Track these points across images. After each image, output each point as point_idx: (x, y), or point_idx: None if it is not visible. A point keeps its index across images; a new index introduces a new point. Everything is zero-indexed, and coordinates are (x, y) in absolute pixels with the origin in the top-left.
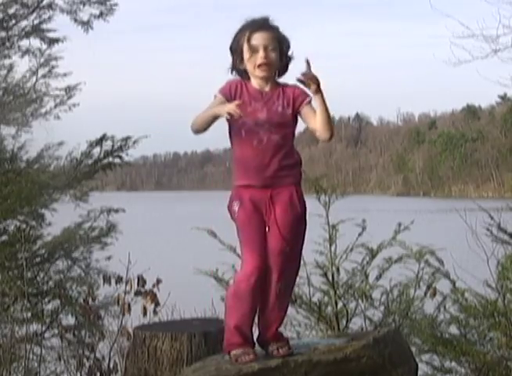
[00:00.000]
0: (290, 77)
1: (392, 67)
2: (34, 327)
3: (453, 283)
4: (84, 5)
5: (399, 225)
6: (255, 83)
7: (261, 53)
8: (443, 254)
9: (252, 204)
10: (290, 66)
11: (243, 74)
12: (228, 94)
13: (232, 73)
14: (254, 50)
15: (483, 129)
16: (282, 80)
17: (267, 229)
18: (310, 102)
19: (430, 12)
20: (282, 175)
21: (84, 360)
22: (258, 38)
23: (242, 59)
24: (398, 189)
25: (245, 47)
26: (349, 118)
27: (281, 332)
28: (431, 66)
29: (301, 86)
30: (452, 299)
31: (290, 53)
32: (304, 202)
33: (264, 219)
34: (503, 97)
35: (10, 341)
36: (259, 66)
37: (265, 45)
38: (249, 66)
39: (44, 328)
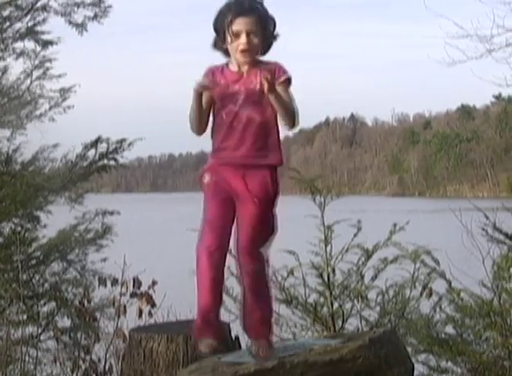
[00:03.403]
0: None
1: (387, 68)
2: (30, 329)
3: (449, 283)
4: (78, 7)
5: (395, 225)
6: (234, 64)
7: (243, 39)
8: (439, 254)
9: (222, 181)
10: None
11: (225, 52)
12: (210, 78)
13: (214, 47)
14: (236, 35)
15: (478, 129)
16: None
17: (238, 202)
18: (284, 82)
19: (425, 13)
20: (258, 155)
21: (80, 362)
22: (241, 23)
23: (224, 40)
24: (393, 190)
25: (227, 31)
26: (344, 119)
27: (267, 330)
28: (426, 66)
29: (279, 63)
30: (448, 299)
31: (274, 33)
32: (277, 186)
33: (231, 198)
34: (498, 97)
35: (6, 344)
36: (241, 51)
37: (247, 30)
38: (231, 49)
39: (39, 330)
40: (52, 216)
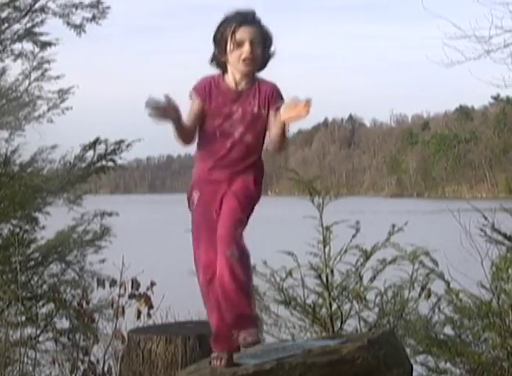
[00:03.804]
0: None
1: (385, 69)
2: (29, 330)
3: (448, 284)
4: (76, 8)
5: (393, 226)
6: (231, 78)
7: (246, 47)
8: (437, 255)
9: (208, 197)
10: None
11: (223, 66)
12: (203, 94)
13: (211, 62)
14: (239, 44)
15: (476, 130)
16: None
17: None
18: (278, 107)
19: (423, 14)
20: (240, 170)
21: (79, 364)
22: (245, 32)
23: (224, 50)
24: (391, 191)
25: (229, 39)
26: (342, 120)
27: (252, 318)
28: (424, 67)
29: (276, 86)
30: (447, 300)
31: (271, 50)
32: (260, 187)
33: (217, 212)
34: (496, 98)
35: (4, 345)
36: (244, 60)
37: (251, 39)
38: (232, 59)
39: (38, 332)
40: (51, 217)
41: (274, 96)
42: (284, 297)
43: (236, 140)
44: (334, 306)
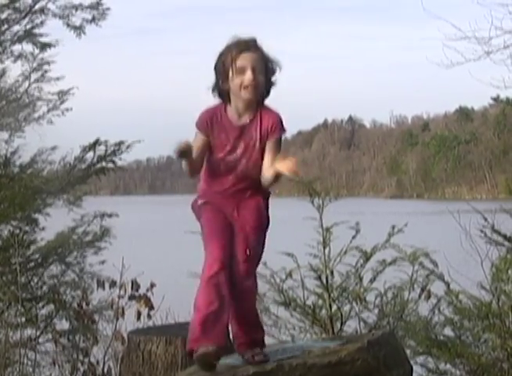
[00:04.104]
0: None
1: (385, 70)
2: (28, 331)
3: (447, 285)
4: (76, 9)
5: (393, 227)
6: (234, 110)
7: (248, 75)
8: (437, 256)
9: (217, 205)
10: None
11: (225, 96)
12: (206, 128)
13: (213, 91)
14: (240, 71)
15: (476, 131)
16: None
17: (234, 229)
18: (277, 138)
19: (423, 15)
20: (247, 196)
21: (79, 365)
22: (246, 59)
23: (226, 78)
24: (391, 192)
25: (231, 67)
26: (342, 121)
27: (259, 340)
28: (424, 68)
29: (278, 116)
30: (447, 301)
31: (273, 79)
32: (268, 214)
33: (228, 219)
34: (496, 99)
35: (4, 346)
36: (245, 87)
37: (252, 66)
38: (234, 87)
39: (38, 333)
40: (51, 219)
41: (274, 128)
42: (284, 298)
43: (239, 174)
44: (334, 307)
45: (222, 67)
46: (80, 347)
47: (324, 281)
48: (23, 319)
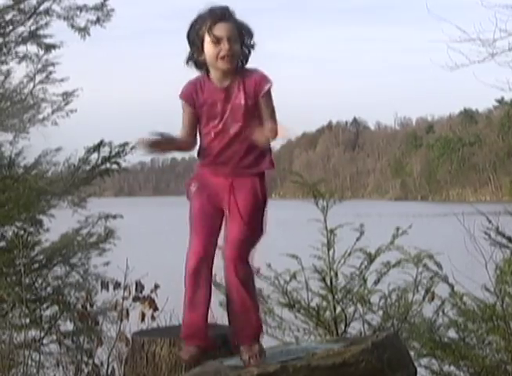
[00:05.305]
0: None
1: (390, 72)
2: (33, 333)
3: (452, 287)
4: (81, 11)
5: (397, 229)
6: (214, 76)
7: (225, 45)
8: (441, 258)
9: (209, 190)
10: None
11: (202, 66)
12: (191, 100)
13: (187, 64)
14: (216, 41)
15: (480, 133)
16: None
17: (227, 213)
18: (267, 92)
19: (427, 17)
20: (245, 165)
21: (83, 366)
22: (221, 29)
23: (201, 50)
24: (395, 194)
25: (206, 38)
26: (347, 123)
27: (256, 336)
28: (428, 70)
29: (259, 71)
30: (451, 303)
31: (252, 43)
32: (265, 192)
33: (219, 207)
34: (501, 101)
35: (8, 348)
36: (222, 57)
37: (228, 36)
38: (209, 58)
39: (42, 334)
40: (55, 220)
41: (259, 82)
42: (288, 300)
43: (231, 137)
44: (338, 309)
45: (196, 38)
46: (84, 348)
47: (328, 283)
48: (28, 321)
